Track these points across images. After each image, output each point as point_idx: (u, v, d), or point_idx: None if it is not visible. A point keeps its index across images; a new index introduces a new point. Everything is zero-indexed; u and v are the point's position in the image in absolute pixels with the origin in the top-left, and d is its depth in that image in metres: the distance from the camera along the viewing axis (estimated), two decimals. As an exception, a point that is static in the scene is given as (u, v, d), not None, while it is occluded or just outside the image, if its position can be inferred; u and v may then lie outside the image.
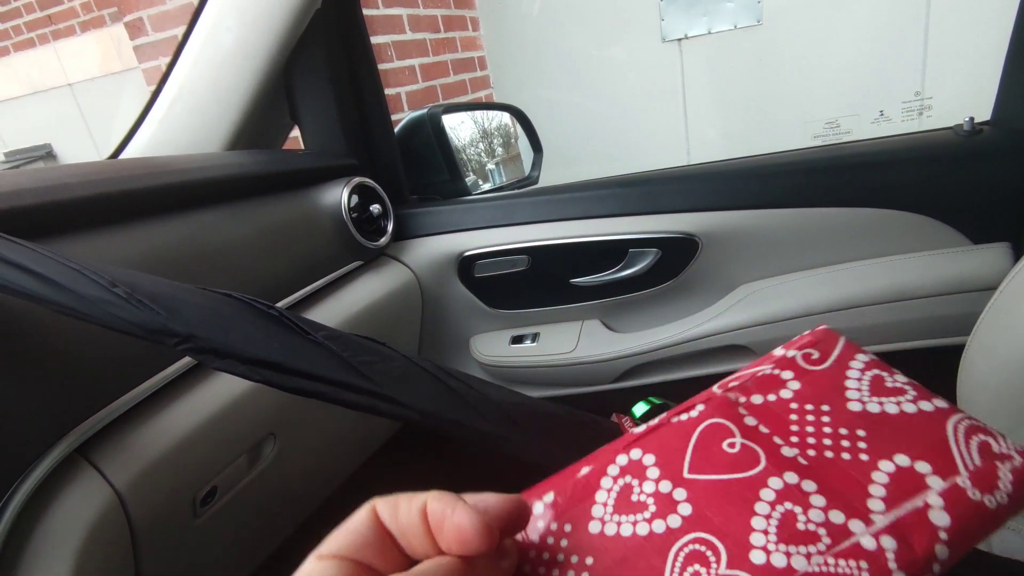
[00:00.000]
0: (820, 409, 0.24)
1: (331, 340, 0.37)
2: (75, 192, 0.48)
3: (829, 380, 0.25)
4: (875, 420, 0.23)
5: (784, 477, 0.21)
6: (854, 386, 0.25)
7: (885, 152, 0.74)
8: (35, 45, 3.19)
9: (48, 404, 0.40)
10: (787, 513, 0.21)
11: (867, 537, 0.20)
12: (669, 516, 0.21)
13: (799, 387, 0.25)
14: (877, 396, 0.24)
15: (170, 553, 0.47)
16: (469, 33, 2.52)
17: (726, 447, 0.23)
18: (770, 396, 0.25)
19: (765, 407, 0.25)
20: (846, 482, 0.21)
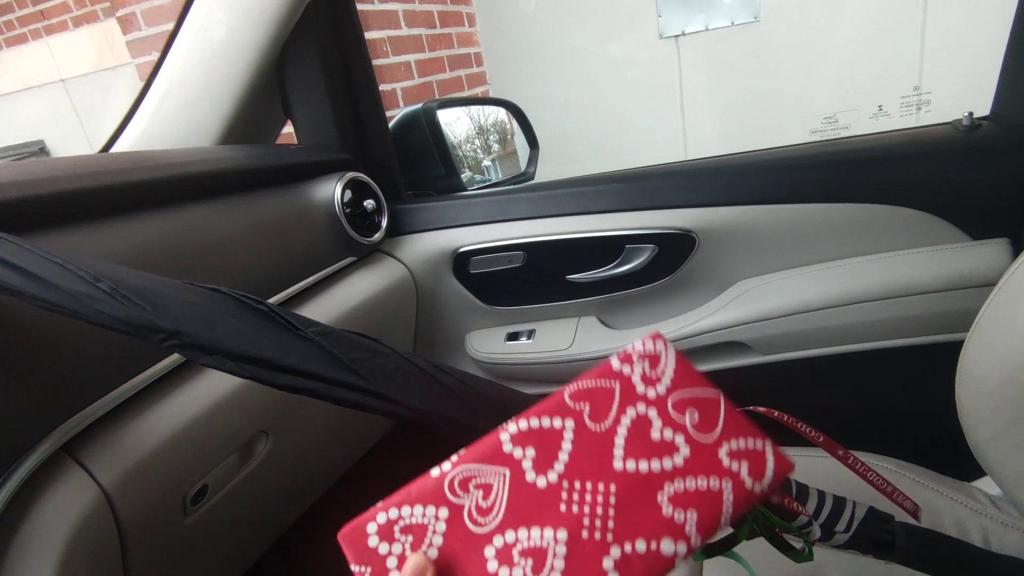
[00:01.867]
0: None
1: (322, 336, 0.36)
2: (61, 186, 0.47)
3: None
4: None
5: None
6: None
7: (883, 147, 0.74)
8: (27, 40, 3.17)
9: (33, 401, 0.39)
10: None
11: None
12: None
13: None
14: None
15: (160, 553, 0.47)
16: (465, 29, 2.50)
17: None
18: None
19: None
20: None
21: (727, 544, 0.39)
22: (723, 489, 0.28)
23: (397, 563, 0.26)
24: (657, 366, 0.31)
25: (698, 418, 0.30)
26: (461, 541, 0.26)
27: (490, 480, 0.28)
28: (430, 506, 0.27)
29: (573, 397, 0.30)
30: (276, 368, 0.35)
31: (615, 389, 0.30)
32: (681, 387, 0.31)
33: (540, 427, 0.29)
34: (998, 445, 0.52)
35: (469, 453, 0.29)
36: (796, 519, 0.39)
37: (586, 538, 0.26)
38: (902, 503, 0.41)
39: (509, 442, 0.29)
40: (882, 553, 0.42)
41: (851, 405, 0.80)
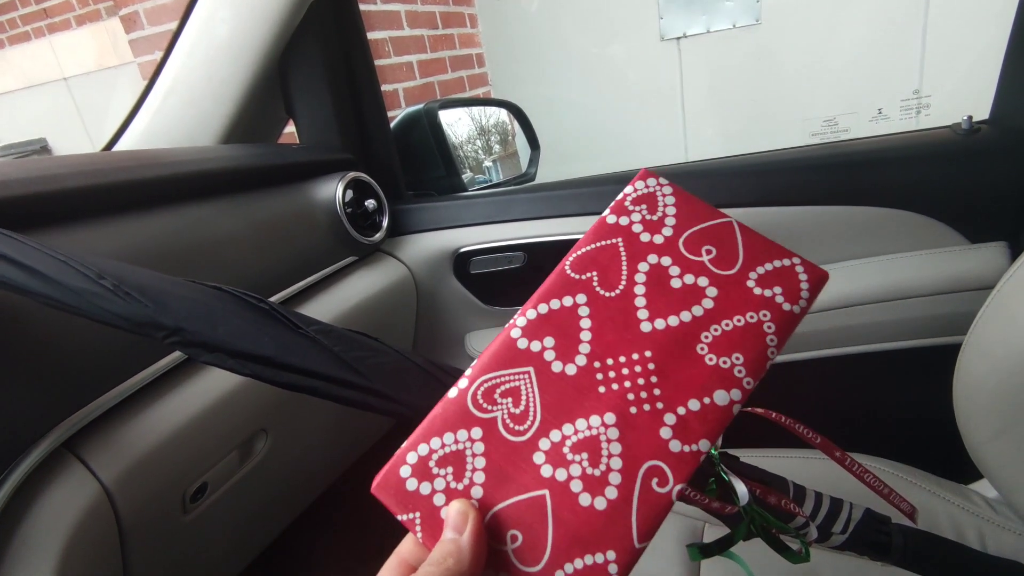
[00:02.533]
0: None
1: (322, 335, 0.37)
2: (65, 183, 0.47)
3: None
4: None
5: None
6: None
7: (883, 150, 0.74)
8: (30, 39, 3.17)
9: (35, 397, 0.39)
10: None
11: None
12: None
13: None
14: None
15: (159, 549, 0.47)
16: (467, 30, 2.51)
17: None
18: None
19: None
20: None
21: (724, 544, 0.39)
22: (762, 321, 0.26)
23: (445, 499, 0.24)
24: (656, 208, 0.28)
25: (716, 252, 0.27)
26: (505, 456, 0.24)
27: (515, 383, 0.25)
28: (460, 430, 0.25)
29: (576, 267, 0.27)
30: (277, 366, 0.35)
31: (619, 245, 0.27)
32: (689, 223, 0.28)
33: (551, 311, 0.26)
34: (995, 448, 0.52)
35: (483, 362, 0.26)
36: (793, 520, 0.39)
37: (635, 414, 0.24)
38: (899, 505, 0.41)
39: (523, 337, 0.26)
40: (879, 555, 0.42)
41: (849, 407, 0.80)
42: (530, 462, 0.24)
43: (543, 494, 0.23)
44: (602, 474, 0.23)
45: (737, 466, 0.41)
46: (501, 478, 0.23)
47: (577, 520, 0.23)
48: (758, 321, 0.26)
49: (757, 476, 0.41)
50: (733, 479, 0.38)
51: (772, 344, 0.26)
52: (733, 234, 0.28)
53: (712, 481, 0.39)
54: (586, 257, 0.27)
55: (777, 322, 0.26)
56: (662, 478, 0.23)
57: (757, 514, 0.38)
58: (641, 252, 0.27)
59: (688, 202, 0.29)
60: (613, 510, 0.23)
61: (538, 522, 0.23)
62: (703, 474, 0.39)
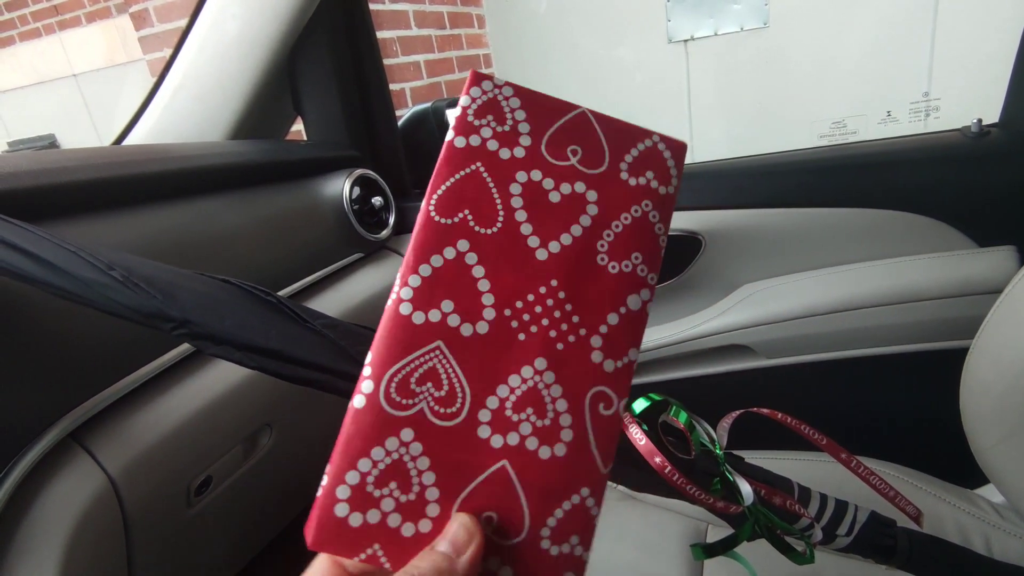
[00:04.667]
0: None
1: (329, 329, 0.37)
2: (75, 176, 0.47)
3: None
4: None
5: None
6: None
7: (891, 153, 0.74)
8: (41, 35, 3.19)
9: (42, 387, 0.40)
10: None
11: None
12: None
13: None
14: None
15: (163, 542, 0.47)
16: (475, 30, 2.51)
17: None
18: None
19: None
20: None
21: (728, 544, 0.39)
22: (646, 212, 0.24)
23: (401, 517, 0.21)
24: (503, 116, 0.25)
25: (582, 151, 0.25)
26: (449, 445, 0.22)
27: (429, 364, 0.22)
28: (388, 439, 0.22)
29: (442, 210, 0.24)
30: (283, 359, 0.35)
31: (480, 170, 0.24)
32: (544, 125, 0.25)
33: (435, 270, 0.23)
34: (1002, 452, 0.51)
35: (381, 353, 0.22)
36: (798, 521, 0.39)
37: (563, 349, 0.22)
38: (904, 508, 0.41)
39: (417, 311, 0.23)
40: (883, 558, 0.42)
41: (855, 410, 0.80)
42: (477, 440, 0.22)
43: (503, 465, 0.22)
44: (552, 421, 0.22)
45: (742, 466, 0.41)
46: (452, 469, 0.21)
47: (543, 475, 0.22)
48: (643, 213, 0.24)
49: (762, 476, 0.41)
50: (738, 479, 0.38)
51: (660, 232, 0.24)
52: (591, 125, 0.26)
53: (717, 481, 0.39)
54: (450, 194, 0.24)
55: (659, 208, 0.25)
56: (607, 401, 0.22)
57: (762, 514, 0.38)
58: (507, 172, 0.24)
59: (535, 101, 0.25)
60: (573, 451, 0.22)
61: (508, 494, 0.22)
62: (708, 474, 0.39)
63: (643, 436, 0.36)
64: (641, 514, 0.62)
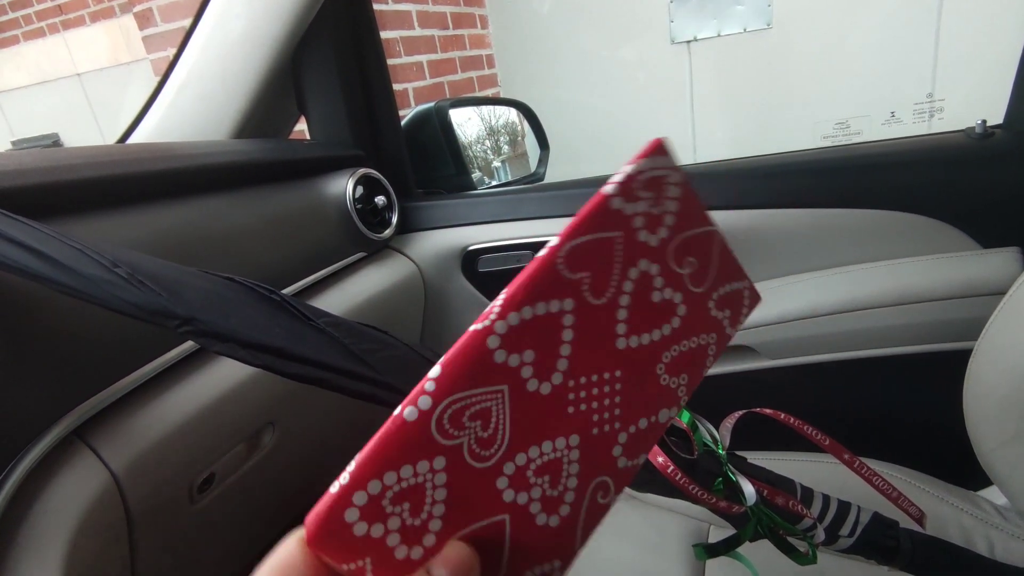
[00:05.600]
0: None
1: (333, 327, 0.37)
2: (80, 173, 0.47)
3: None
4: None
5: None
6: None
7: (895, 154, 0.74)
8: (45, 34, 3.20)
9: (47, 384, 0.40)
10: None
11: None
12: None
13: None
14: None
15: (166, 539, 0.47)
16: (478, 31, 2.51)
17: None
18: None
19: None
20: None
21: (731, 544, 0.39)
22: (709, 343, 0.25)
23: (400, 538, 0.21)
24: (660, 199, 0.24)
25: (696, 267, 0.25)
26: (467, 485, 0.21)
27: (487, 404, 0.22)
28: (421, 461, 0.21)
29: (569, 263, 0.23)
30: (287, 357, 0.35)
31: (616, 242, 0.23)
32: (683, 227, 0.25)
33: (535, 316, 0.22)
34: (1005, 455, 0.51)
35: (451, 375, 0.22)
36: (800, 522, 0.39)
37: (596, 435, 0.23)
38: (907, 509, 0.41)
39: (501, 349, 0.22)
40: (886, 559, 0.42)
41: (858, 411, 0.80)
42: (493, 487, 0.22)
43: (503, 519, 0.22)
44: (559, 494, 0.22)
45: (744, 467, 0.41)
46: (462, 508, 0.21)
47: (531, 539, 0.22)
48: (706, 344, 0.25)
49: (764, 477, 0.41)
50: (740, 479, 0.38)
51: (709, 366, 0.25)
52: (713, 247, 0.26)
53: (719, 481, 0.39)
54: (582, 250, 0.23)
55: (719, 345, 0.25)
56: (606, 491, 0.23)
57: (764, 514, 0.38)
58: (635, 254, 0.24)
59: (689, 199, 0.25)
60: (563, 525, 0.23)
61: (495, 545, 0.22)
62: (711, 474, 0.39)
63: (646, 436, 0.36)
64: (643, 514, 0.62)
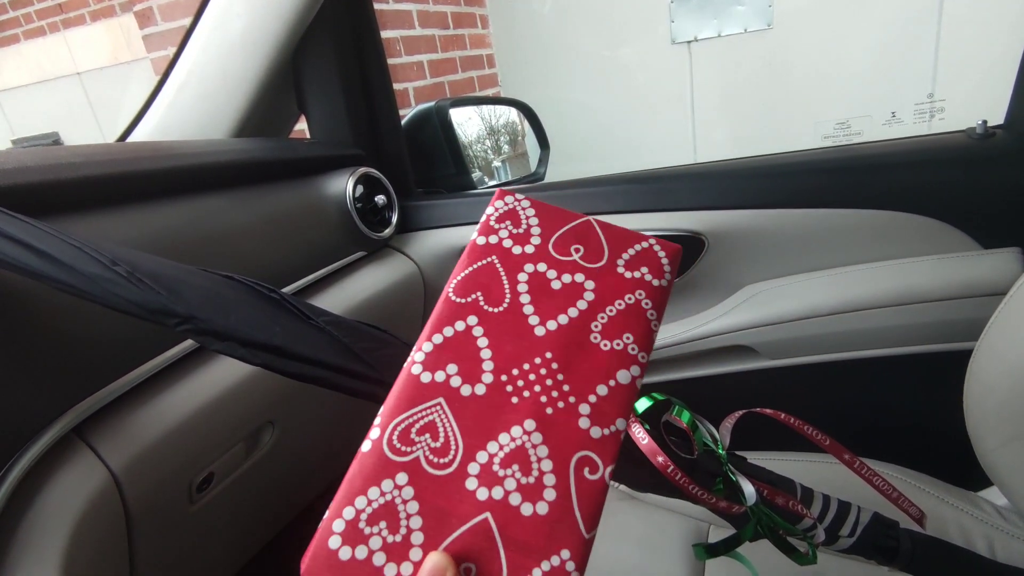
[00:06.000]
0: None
1: (333, 326, 0.37)
2: (80, 171, 0.47)
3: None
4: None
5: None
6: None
7: (896, 154, 0.74)
8: (45, 33, 3.20)
9: (46, 383, 0.40)
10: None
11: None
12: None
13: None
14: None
15: (165, 538, 0.47)
16: (478, 30, 2.51)
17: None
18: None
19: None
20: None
21: (731, 544, 0.39)
22: (639, 299, 0.28)
23: (386, 557, 0.23)
24: (519, 221, 0.31)
25: (584, 250, 0.30)
26: (437, 493, 0.24)
27: (429, 418, 0.25)
28: (384, 480, 0.24)
29: (459, 292, 0.28)
30: (287, 355, 0.35)
31: (495, 263, 0.29)
32: (553, 229, 0.30)
33: (446, 339, 0.27)
34: (1005, 455, 0.51)
35: (391, 405, 0.26)
36: (800, 521, 0.39)
37: (552, 414, 0.25)
38: (907, 509, 0.41)
39: (425, 371, 0.26)
40: (886, 559, 0.42)
41: (858, 412, 0.80)
42: (464, 490, 0.24)
43: (485, 517, 0.23)
44: (536, 480, 0.24)
45: (744, 467, 0.41)
46: (438, 516, 0.23)
47: (524, 532, 0.23)
48: (636, 301, 0.28)
49: (764, 477, 0.41)
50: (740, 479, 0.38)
51: (653, 318, 0.28)
52: (594, 230, 0.31)
53: (719, 481, 0.38)
54: (467, 280, 0.29)
55: (652, 297, 0.29)
56: (592, 466, 0.24)
57: (764, 514, 0.38)
58: (517, 264, 0.29)
59: (547, 211, 0.31)
60: (556, 510, 0.23)
61: (488, 547, 0.23)
62: (711, 473, 0.39)
63: (646, 435, 0.36)
64: (643, 514, 0.62)
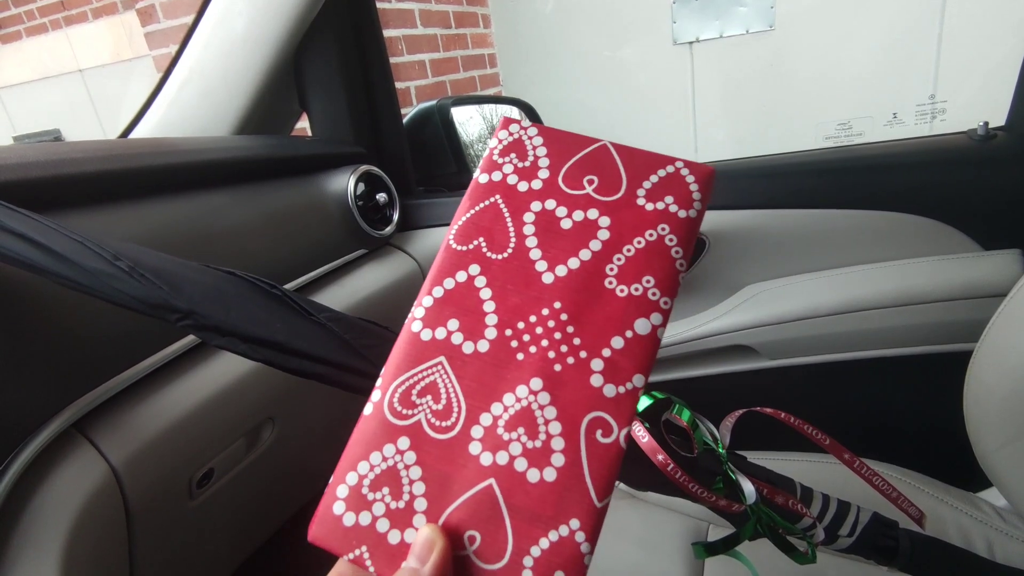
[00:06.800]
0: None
1: (334, 322, 0.37)
2: (82, 167, 0.47)
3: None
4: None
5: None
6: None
7: (897, 155, 0.74)
8: (47, 30, 3.20)
9: (47, 377, 0.40)
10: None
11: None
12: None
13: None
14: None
15: (164, 533, 0.47)
16: (480, 30, 2.51)
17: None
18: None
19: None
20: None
21: (730, 543, 0.39)
22: (662, 235, 0.25)
23: (390, 523, 0.22)
24: (525, 153, 0.27)
25: (598, 180, 0.26)
26: (440, 457, 0.22)
27: (430, 378, 0.23)
28: (386, 445, 0.23)
29: (459, 239, 0.25)
30: (288, 351, 0.35)
31: (498, 203, 0.26)
32: (563, 159, 0.27)
33: (447, 292, 0.24)
34: (1005, 456, 0.51)
35: (391, 366, 0.24)
36: (800, 521, 0.39)
37: (560, 371, 0.23)
38: (907, 509, 0.41)
39: (425, 328, 0.24)
40: (885, 559, 0.42)
41: (858, 412, 0.80)
42: (467, 455, 0.22)
43: (489, 484, 0.22)
44: (544, 444, 0.22)
45: (744, 466, 0.41)
46: (442, 481, 0.22)
47: (531, 499, 0.21)
48: (658, 237, 0.24)
49: (764, 476, 0.41)
50: (740, 478, 0.38)
51: (679, 256, 0.24)
52: (611, 156, 0.26)
53: (719, 479, 0.38)
54: (468, 225, 0.25)
55: (678, 232, 0.25)
56: (605, 428, 0.22)
57: (764, 513, 0.38)
58: (523, 203, 0.25)
59: (557, 138, 0.27)
60: (565, 477, 0.21)
61: (493, 514, 0.21)
62: (710, 472, 0.39)
63: (646, 434, 0.36)
64: (642, 513, 0.62)
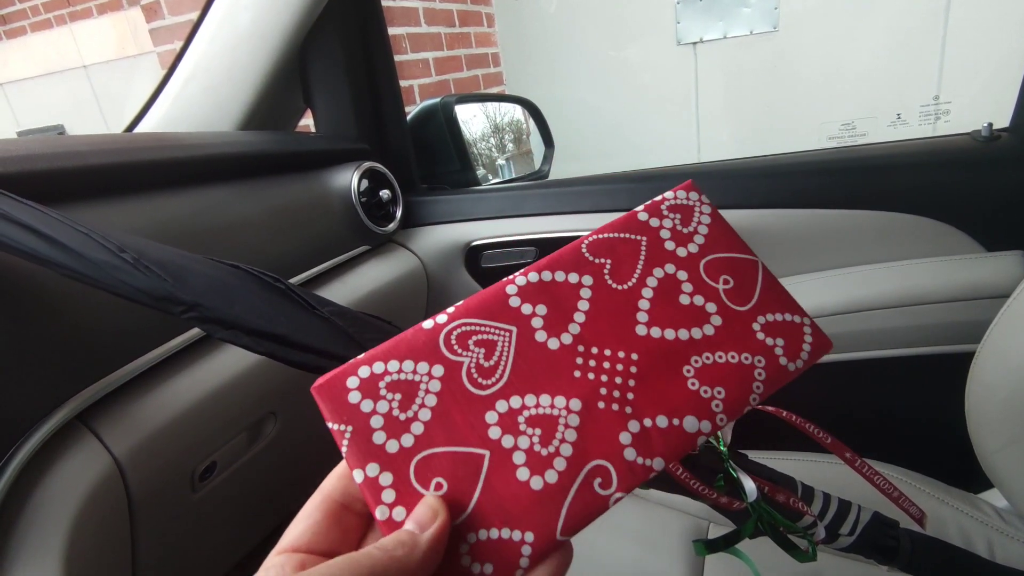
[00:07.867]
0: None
1: (337, 316, 0.37)
2: (87, 160, 0.47)
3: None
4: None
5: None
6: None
7: (900, 155, 0.73)
8: (52, 26, 3.21)
9: (51, 368, 0.40)
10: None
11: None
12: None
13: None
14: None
15: (166, 526, 0.47)
16: (484, 29, 2.51)
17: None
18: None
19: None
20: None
21: (730, 540, 0.39)
22: (755, 365, 0.25)
23: (383, 423, 0.22)
24: (690, 221, 0.28)
25: (733, 285, 0.27)
26: (458, 403, 0.23)
27: (494, 337, 0.24)
28: (422, 362, 0.23)
29: (592, 250, 0.26)
30: (291, 345, 0.35)
31: (641, 243, 0.27)
32: (716, 248, 0.27)
33: (553, 281, 0.25)
34: (1006, 457, 0.51)
35: (469, 306, 0.25)
36: (801, 519, 0.39)
37: (602, 408, 0.23)
38: (908, 509, 0.41)
39: (516, 296, 0.25)
40: (885, 559, 0.42)
41: (859, 412, 0.80)
42: (481, 418, 0.23)
43: (483, 454, 0.22)
44: (548, 456, 0.22)
45: (746, 464, 0.41)
46: (446, 424, 0.22)
47: (507, 491, 0.22)
48: (751, 365, 0.25)
49: (765, 474, 0.41)
50: (742, 475, 0.38)
51: (757, 391, 0.25)
52: (755, 274, 0.27)
53: (720, 477, 0.38)
54: (605, 243, 0.26)
55: (769, 372, 0.25)
56: (606, 480, 0.22)
57: (765, 511, 0.38)
58: (661, 258, 0.26)
59: (722, 228, 0.28)
60: (546, 494, 0.22)
61: (468, 479, 0.22)
62: (712, 470, 0.39)
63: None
64: (642, 510, 0.62)
